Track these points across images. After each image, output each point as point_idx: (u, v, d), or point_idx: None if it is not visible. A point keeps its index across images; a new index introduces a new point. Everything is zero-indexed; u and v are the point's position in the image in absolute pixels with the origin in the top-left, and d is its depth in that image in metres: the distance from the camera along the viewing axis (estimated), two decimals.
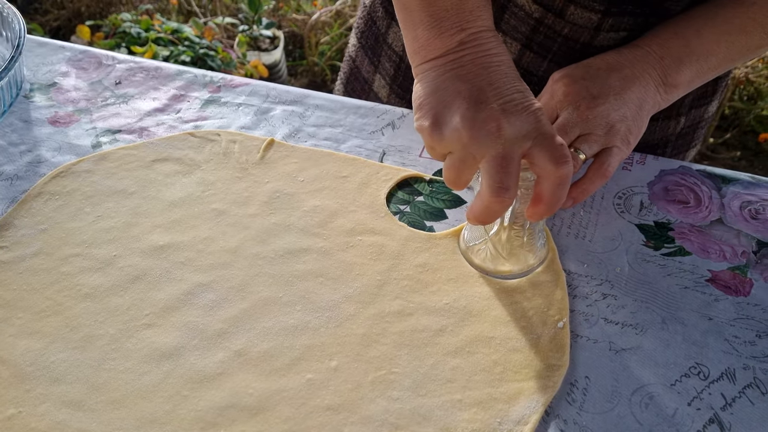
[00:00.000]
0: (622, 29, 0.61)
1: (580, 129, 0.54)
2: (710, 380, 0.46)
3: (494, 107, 0.45)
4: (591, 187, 0.54)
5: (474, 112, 0.45)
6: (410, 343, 0.48)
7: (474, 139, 0.44)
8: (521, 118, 0.45)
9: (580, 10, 0.60)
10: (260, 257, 0.53)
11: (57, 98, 0.68)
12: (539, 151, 0.45)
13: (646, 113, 0.56)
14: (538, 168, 0.46)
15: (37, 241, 0.54)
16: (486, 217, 0.47)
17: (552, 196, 0.46)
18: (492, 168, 0.44)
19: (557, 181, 0.45)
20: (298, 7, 2.77)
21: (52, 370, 0.46)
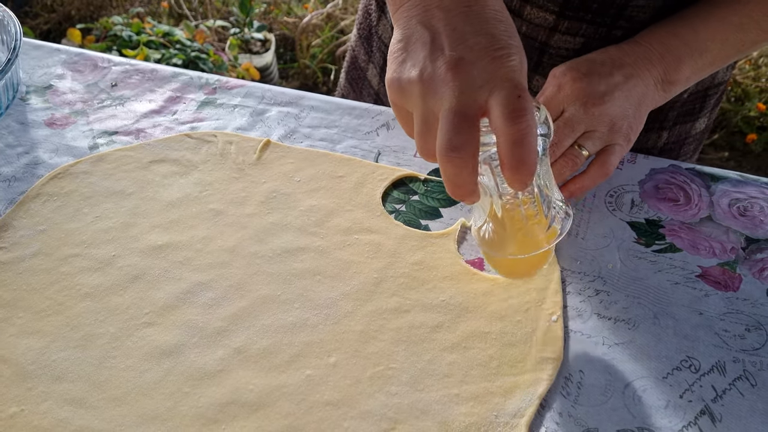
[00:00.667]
0: (579, 35, 0.62)
1: (585, 125, 0.53)
2: (701, 373, 0.48)
3: (452, 55, 0.40)
4: (590, 184, 0.55)
5: (430, 60, 0.41)
6: (407, 339, 0.49)
7: (426, 90, 0.41)
8: (479, 66, 0.40)
9: (536, 10, 0.62)
10: (258, 256, 0.54)
11: (53, 100, 0.69)
12: (494, 104, 0.39)
13: (645, 110, 0.56)
14: (494, 127, 0.40)
15: (36, 242, 0.54)
16: (452, 186, 0.42)
17: (510, 156, 0.39)
18: (443, 125, 0.40)
19: (512, 139, 0.39)
20: (289, 10, 2.78)
21: (53, 368, 0.46)
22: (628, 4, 0.59)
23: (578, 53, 0.64)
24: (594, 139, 0.54)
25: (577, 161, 0.54)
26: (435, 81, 0.40)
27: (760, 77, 2.36)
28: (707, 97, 0.71)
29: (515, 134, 0.39)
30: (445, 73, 0.40)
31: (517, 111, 0.39)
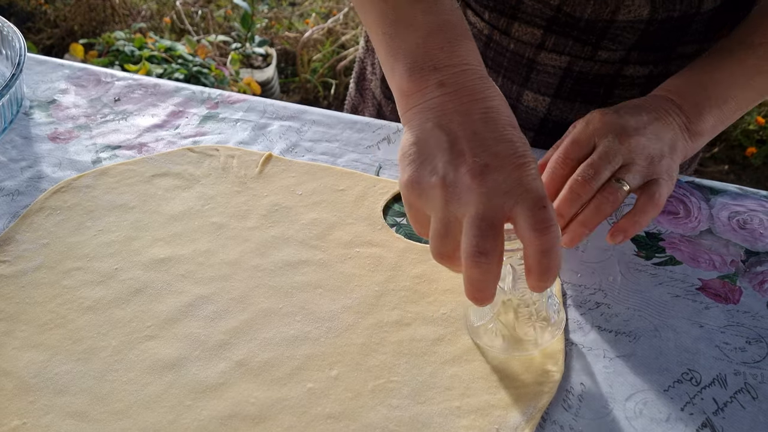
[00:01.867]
0: (565, 53, 0.63)
1: (623, 157, 0.50)
2: (702, 386, 0.48)
3: (475, 161, 0.41)
4: (644, 219, 0.50)
5: (453, 166, 0.41)
6: (409, 352, 0.49)
7: (451, 196, 0.41)
8: (504, 174, 0.40)
9: (524, 26, 0.63)
10: (260, 269, 0.54)
11: (57, 115, 0.69)
12: (520, 213, 0.40)
13: (679, 155, 0.53)
14: (520, 234, 0.41)
15: (39, 256, 0.55)
16: (473, 290, 0.42)
17: (538, 265, 0.41)
18: (469, 230, 0.40)
19: (540, 249, 0.40)
20: (290, 25, 2.80)
21: (55, 381, 0.46)
22: (611, 26, 0.60)
23: (565, 71, 0.65)
24: (634, 172, 0.50)
25: (618, 196, 0.50)
26: (459, 187, 0.41)
27: None
28: None
29: (544, 244, 0.40)
30: (471, 180, 0.40)
31: (545, 222, 0.40)
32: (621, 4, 0.58)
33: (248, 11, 2.35)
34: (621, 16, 0.59)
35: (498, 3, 0.63)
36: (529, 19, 0.62)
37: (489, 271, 0.41)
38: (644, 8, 0.58)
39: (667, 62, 0.64)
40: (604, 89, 0.66)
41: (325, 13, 2.90)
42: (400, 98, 0.45)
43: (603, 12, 0.59)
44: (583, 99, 0.67)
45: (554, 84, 0.67)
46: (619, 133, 0.51)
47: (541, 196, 0.41)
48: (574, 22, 0.61)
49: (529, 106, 0.69)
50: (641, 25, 0.60)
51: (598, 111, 0.53)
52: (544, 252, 0.40)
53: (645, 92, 0.67)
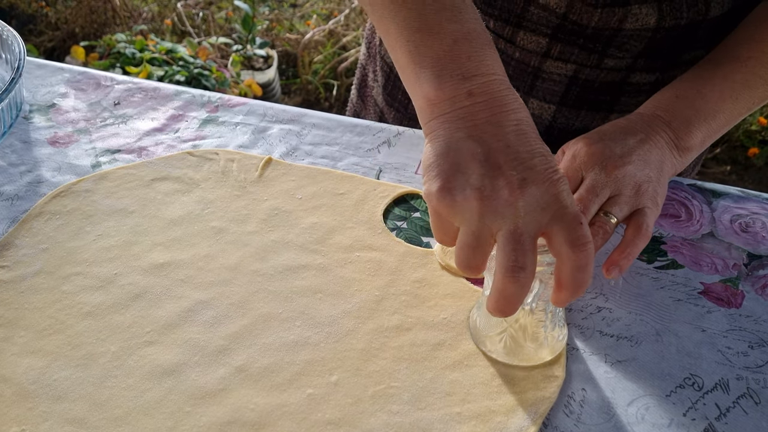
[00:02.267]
0: (571, 61, 0.62)
1: (610, 189, 0.50)
2: (704, 391, 0.47)
3: (513, 174, 0.41)
4: (635, 251, 0.49)
5: (490, 178, 0.41)
6: (409, 358, 0.49)
7: (489, 209, 0.41)
8: (541, 189, 0.41)
9: (529, 34, 0.63)
10: (260, 274, 0.54)
11: (56, 119, 0.69)
12: (557, 230, 0.41)
13: (666, 176, 0.53)
14: (555, 250, 0.42)
15: (38, 261, 0.54)
16: (504, 303, 0.42)
17: (572, 281, 0.41)
18: (507, 245, 0.40)
19: (576, 266, 0.41)
20: (291, 26, 2.80)
21: (54, 387, 0.46)
22: (618, 34, 0.60)
23: (571, 79, 0.64)
24: (620, 204, 0.50)
25: (607, 229, 0.49)
26: (497, 201, 0.40)
27: None
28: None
29: (581, 261, 0.41)
30: (509, 194, 0.40)
31: (582, 239, 0.41)
32: (629, 13, 0.58)
33: (249, 13, 2.35)
34: (628, 25, 0.59)
35: (503, 12, 0.63)
36: (534, 27, 0.62)
37: (524, 286, 0.41)
38: (651, 17, 0.58)
39: (674, 68, 0.64)
40: (611, 96, 0.66)
41: (326, 14, 2.90)
42: (426, 106, 0.44)
43: (610, 20, 0.59)
44: (589, 107, 0.67)
45: (560, 92, 0.66)
46: (606, 165, 0.50)
47: (577, 213, 0.41)
48: (581, 30, 0.60)
49: (534, 114, 0.69)
50: (648, 33, 0.59)
51: (583, 141, 0.53)
52: (580, 268, 0.41)
53: None
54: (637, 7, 0.57)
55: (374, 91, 0.81)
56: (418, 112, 0.46)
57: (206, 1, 2.93)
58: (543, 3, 0.60)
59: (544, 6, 0.60)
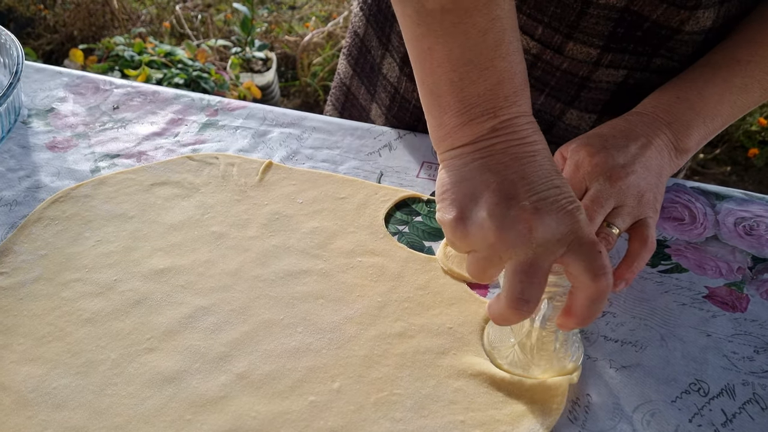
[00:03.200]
0: (622, 67, 0.61)
1: (614, 200, 0.49)
2: (710, 396, 0.47)
3: (526, 205, 0.40)
4: (641, 264, 0.49)
5: (503, 208, 0.41)
6: (412, 365, 0.48)
7: (502, 240, 0.40)
8: (556, 219, 0.40)
9: (579, 45, 0.60)
10: (261, 279, 0.54)
11: (55, 123, 0.69)
12: (575, 260, 0.40)
13: (664, 180, 0.53)
14: (573, 278, 0.41)
15: (38, 267, 0.54)
16: (504, 322, 0.43)
17: (586, 310, 0.41)
18: (516, 275, 0.40)
19: (594, 296, 0.41)
20: (290, 28, 2.79)
21: (54, 396, 0.46)
22: (673, 37, 0.58)
23: (619, 86, 0.62)
24: (623, 215, 0.49)
25: (610, 240, 0.49)
26: (511, 231, 0.40)
27: None
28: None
29: (598, 291, 0.41)
30: (522, 225, 0.40)
31: (603, 269, 0.40)
32: (692, 16, 0.57)
33: (248, 15, 2.34)
34: (687, 27, 0.57)
35: (553, 19, 0.60)
36: (585, 39, 0.59)
37: (527, 315, 0.41)
38: (709, 19, 0.57)
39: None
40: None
41: (325, 16, 2.89)
42: (447, 135, 0.45)
43: (671, 19, 0.57)
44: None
45: (604, 100, 0.64)
46: (610, 175, 0.49)
47: (596, 242, 0.41)
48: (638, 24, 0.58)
49: (570, 125, 0.67)
50: (701, 36, 0.58)
51: (585, 150, 0.51)
52: (597, 299, 0.41)
53: None
54: (702, 11, 0.56)
55: (372, 113, 0.78)
56: (436, 138, 0.46)
57: (205, 4, 2.93)
58: (603, 2, 0.57)
59: (604, 5, 0.57)
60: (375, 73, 0.75)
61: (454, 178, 0.43)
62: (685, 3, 0.56)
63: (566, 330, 0.44)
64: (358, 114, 0.80)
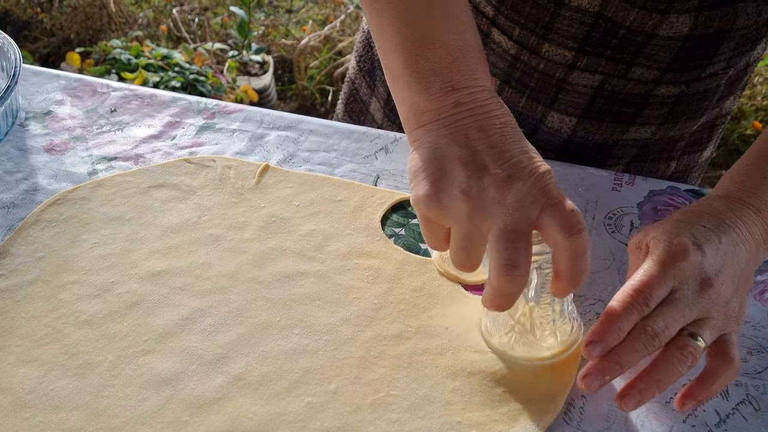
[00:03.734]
0: (599, 72, 0.62)
1: (698, 311, 0.43)
2: None
3: (498, 173, 0.41)
4: (721, 385, 0.44)
5: (476, 179, 0.41)
6: (409, 366, 0.48)
7: (477, 209, 0.41)
8: (529, 183, 0.41)
9: (555, 47, 0.61)
10: (257, 281, 0.54)
11: (52, 126, 0.69)
12: (549, 221, 0.41)
13: (751, 281, 0.48)
14: (550, 240, 0.42)
15: (35, 269, 0.54)
16: (501, 300, 0.42)
17: (569, 270, 0.41)
18: (499, 243, 0.40)
19: (572, 254, 0.41)
20: (287, 32, 2.80)
21: (51, 397, 0.46)
22: (648, 42, 0.59)
23: (596, 90, 0.63)
24: (710, 327, 0.44)
25: (695, 354, 0.43)
26: (484, 200, 0.41)
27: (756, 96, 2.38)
28: (715, 126, 0.71)
29: (576, 248, 0.41)
30: (495, 191, 0.41)
31: (576, 225, 0.40)
32: (665, 20, 0.57)
33: (245, 19, 2.35)
34: (662, 31, 0.58)
35: (529, 20, 0.61)
36: (560, 40, 0.60)
37: (520, 283, 0.41)
38: (686, 25, 0.57)
39: (698, 81, 0.63)
40: (634, 108, 0.65)
41: (322, 20, 2.90)
42: (412, 115, 0.46)
43: (645, 24, 0.57)
44: (611, 119, 0.66)
45: (583, 104, 0.65)
46: (701, 281, 0.43)
47: (568, 201, 0.41)
48: (613, 31, 0.58)
49: (552, 128, 0.67)
50: (678, 42, 0.58)
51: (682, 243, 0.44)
52: (576, 256, 0.41)
53: (672, 113, 0.65)
54: (675, 15, 0.57)
55: (372, 107, 0.79)
56: (403, 120, 0.47)
57: (202, 7, 2.93)
58: (576, 5, 0.58)
59: (576, 8, 0.58)
60: (375, 68, 0.77)
61: (425, 156, 0.44)
62: (656, 6, 0.56)
63: (561, 296, 0.44)
64: (359, 108, 0.82)
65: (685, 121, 0.67)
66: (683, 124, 0.68)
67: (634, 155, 0.70)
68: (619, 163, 0.70)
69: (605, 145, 0.68)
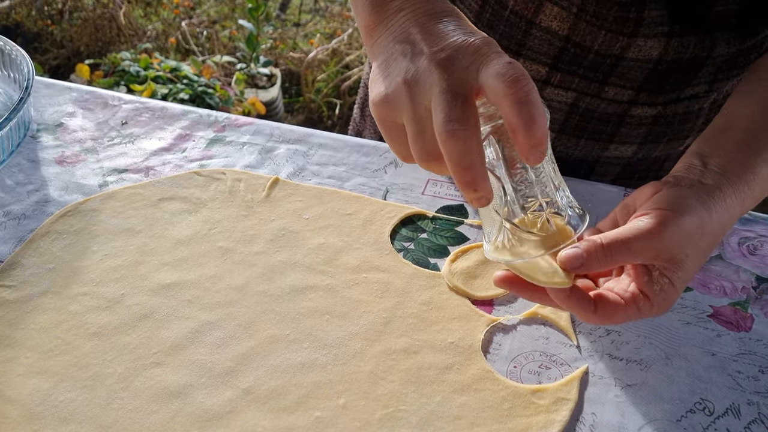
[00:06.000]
0: (571, 89, 0.63)
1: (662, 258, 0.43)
2: (715, 416, 0.47)
3: (433, 49, 0.40)
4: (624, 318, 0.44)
5: (413, 63, 0.41)
6: (417, 381, 0.48)
7: (415, 86, 0.40)
8: (462, 53, 0.40)
9: (529, 62, 0.63)
10: (267, 295, 0.54)
11: (64, 138, 0.69)
12: (487, 77, 0.38)
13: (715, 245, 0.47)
14: (491, 94, 0.39)
15: (45, 280, 0.54)
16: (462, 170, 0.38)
17: (519, 118, 0.37)
18: (437, 106, 0.38)
19: (517, 100, 0.37)
20: (294, 45, 2.81)
21: (60, 409, 0.46)
22: (620, 63, 0.60)
23: (571, 107, 0.64)
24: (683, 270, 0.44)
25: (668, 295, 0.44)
26: (420, 75, 0.40)
27: None
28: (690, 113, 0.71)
29: (519, 94, 0.37)
30: (428, 65, 0.40)
31: (515, 73, 0.38)
32: (633, 43, 0.58)
33: (253, 32, 2.36)
34: (630, 54, 0.59)
35: (503, 37, 0.63)
36: (534, 56, 0.62)
37: (467, 139, 0.37)
38: (655, 50, 0.58)
39: (675, 103, 0.64)
40: (611, 127, 0.66)
41: (330, 33, 2.91)
42: (366, 35, 0.46)
43: (613, 47, 0.59)
44: (589, 136, 0.67)
45: (559, 120, 0.66)
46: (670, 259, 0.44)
47: (503, 54, 0.40)
48: (582, 54, 0.60)
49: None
50: (649, 64, 0.59)
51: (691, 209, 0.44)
52: (521, 101, 0.37)
53: (651, 133, 0.66)
54: (643, 40, 0.58)
55: None
56: (365, 42, 0.47)
57: (210, 20, 2.95)
58: (545, 26, 0.60)
59: (546, 29, 0.60)
60: None
61: (377, 63, 0.44)
62: (621, 29, 0.57)
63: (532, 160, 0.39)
64: (368, 111, 0.83)
65: (668, 141, 0.68)
66: (666, 145, 0.68)
67: (619, 173, 0.71)
68: (603, 180, 0.71)
69: (586, 161, 0.69)
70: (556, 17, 0.59)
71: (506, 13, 0.62)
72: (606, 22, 0.58)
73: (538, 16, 0.60)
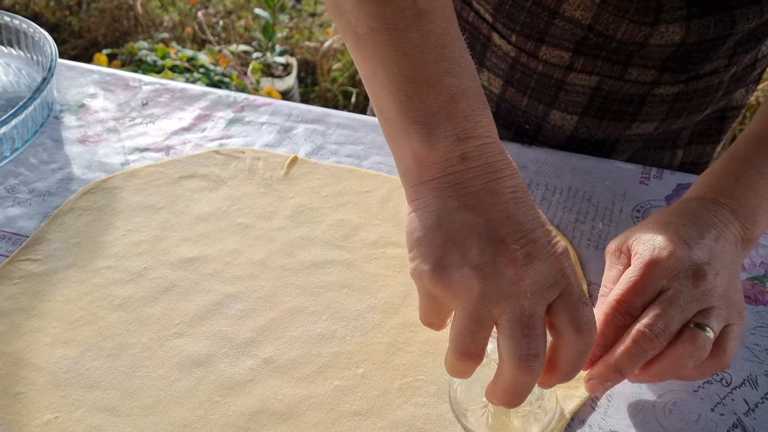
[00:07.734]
0: (595, 73, 0.63)
1: (698, 303, 0.42)
2: (733, 386, 0.47)
3: (516, 249, 0.36)
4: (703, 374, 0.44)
5: (491, 254, 0.36)
6: (435, 352, 0.49)
7: (491, 290, 0.36)
8: (547, 265, 0.37)
9: (552, 49, 0.63)
10: (286, 269, 0.55)
11: (86, 119, 0.71)
12: (562, 310, 0.37)
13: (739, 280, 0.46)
14: (557, 331, 0.38)
15: (70, 255, 0.55)
16: (514, 394, 0.38)
17: (569, 366, 0.38)
18: (516, 331, 0.36)
19: (578, 350, 0.37)
20: (310, 34, 2.82)
21: (86, 376, 0.47)
22: (642, 49, 0.60)
23: (594, 91, 0.64)
24: (716, 316, 0.42)
25: (703, 345, 0.41)
26: (500, 280, 0.36)
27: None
28: (725, 119, 0.71)
29: (582, 346, 0.38)
30: (514, 272, 0.36)
31: (589, 323, 0.37)
32: (655, 31, 0.58)
33: (269, 21, 2.37)
34: (653, 41, 0.59)
35: (525, 27, 0.63)
36: (557, 42, 0.62)
37: (538, 374, 0.37)
38: (677, 34, 0.58)
39: (697, 80, 0.64)
40: (633, 107, 0.66)
41: None
42: (413, 167, 0.40)
43: (636, 35, 0.59)
44: (612, 117, 0.67)
45: (582, 103, 0.66)
46: (693, 275, 0.43)
47: (581, 292, 0.38)
48: (605, 42, 0.60)
49: (555, 125, 0.69)
50: (672, 47, 0.59)
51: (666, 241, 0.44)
52: (580, 354, 0.38)
53: (672, 109, 0.66)
54: (665, 26, 0.58)
55: None
56: (401, 173, 0.41)
57: (226, 10, 2.96)
58: (568, 16, 0.60)
59: (569, 18, 0.60)
60: None
61: (429, 222, 0.38)
62: (643, 19, 0.57)
63: (546, 388, 0.40)
64: None
65: (688, 115, 0.68)
66: (686, 118, 0.69)
67: (639, 147, 0.72)
68: (624, 155, 0.72)
69: (609, 140, 0.69)
70: (579, 7, 0.59)
71: (528, 4, 0.62)
72: (628, 13, 0.58)
73: (561, 6, 0.60)
